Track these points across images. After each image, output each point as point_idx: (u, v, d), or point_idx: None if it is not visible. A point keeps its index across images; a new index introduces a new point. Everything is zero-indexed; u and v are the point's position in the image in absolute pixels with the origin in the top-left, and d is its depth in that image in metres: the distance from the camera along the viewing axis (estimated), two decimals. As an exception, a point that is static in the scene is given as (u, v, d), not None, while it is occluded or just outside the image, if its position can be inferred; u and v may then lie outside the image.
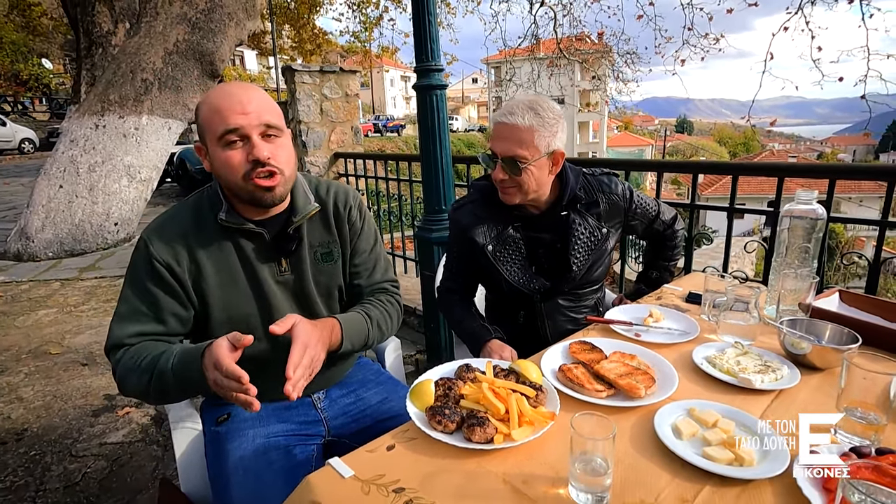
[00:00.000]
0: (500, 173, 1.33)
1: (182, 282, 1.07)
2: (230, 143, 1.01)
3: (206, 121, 1.03)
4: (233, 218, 1.09)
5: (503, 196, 1.39)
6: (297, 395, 0.91)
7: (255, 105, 1.01)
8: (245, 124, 1.00)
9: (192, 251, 1.07)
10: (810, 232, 1.25)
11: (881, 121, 59.75)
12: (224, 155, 1.02)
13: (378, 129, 28.07)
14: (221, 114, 1.00)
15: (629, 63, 9.77)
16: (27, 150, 18.06)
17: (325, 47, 13.78)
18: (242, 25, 6.40)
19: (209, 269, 1.09)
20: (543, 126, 1.28)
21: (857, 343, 1.00)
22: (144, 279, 1.05)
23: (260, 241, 1.13)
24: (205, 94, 1.05)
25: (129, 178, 5.76)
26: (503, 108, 1.33)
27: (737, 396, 0.96)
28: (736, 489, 0.73)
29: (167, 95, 5.87)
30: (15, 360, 3.04)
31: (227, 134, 1.00)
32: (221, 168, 1.03)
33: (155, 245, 1.05)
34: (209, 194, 1.13)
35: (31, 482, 1.96)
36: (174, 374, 0.96)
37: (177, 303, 1.07)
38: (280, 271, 1.16)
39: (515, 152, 1.29)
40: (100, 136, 5.60)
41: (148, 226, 1.10)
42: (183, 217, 1.10)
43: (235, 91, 1.03)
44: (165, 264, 1.05)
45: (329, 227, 1.22)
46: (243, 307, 1.12)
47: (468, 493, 0.75)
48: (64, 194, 5.48)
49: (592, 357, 1.09)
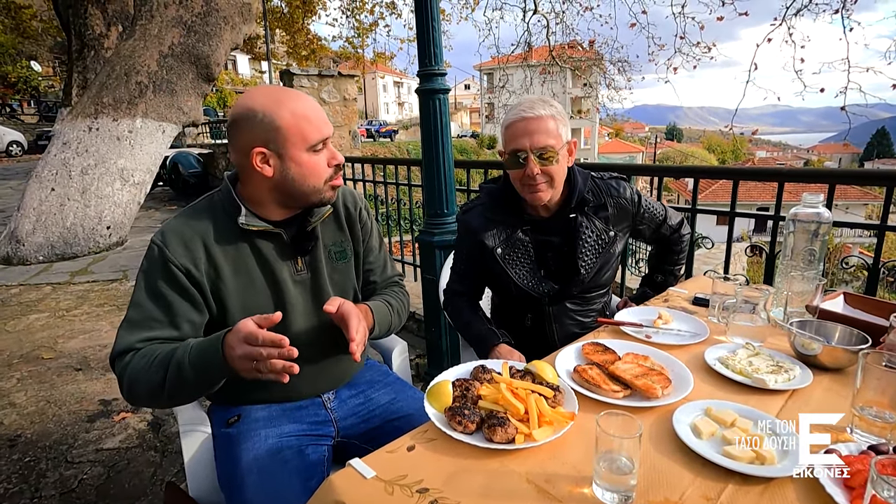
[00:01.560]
0: (534, 167, 1.31)
1: (200, 286, 1.06)
2: (319, 150, 1.08)
3: (293, 128, 1.03)
4: (253, 221, 1.10)
5: (533, 195, 1.36)
6: (359, 357, 1.05)
7: (324, 113, 1.11)
8: (328, 134, 1.10)
9: (210, 254, 1.07)
10: (815, 235, 1.27)
11: (865, 129, 60.93)
12: (314, 160, 1.08)
13: (371, 134, 28.08)
14: (312, 122, 1.06)
15: (621, 70, 9.89)
16: (15, 152, 17.83)
17: (319, 52, 13.80)
18: (238, 29, 6.39)
19: (227, 272, 1.09)
20: (560, 115, 1.35)
21: (868, 344, 1.01)
22: (159, 283, 1.04)
23: (278, 241, 1.14)
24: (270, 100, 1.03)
25: (122, 182, 5.71)
26: (518, 107, 1.34)
27: (751, 396, 0.97)
28: (759, 487, 0.74)
29: (162, 98, 5.83)
30: (6, 366, 2.98)
31: (322, 142, 1.08)
32: (307, 173, 1.07)
33: (172, 249, 1.04)
34: (222, 198, 1.12)
35: (26, 489, 1.92)
36: (192, 365, 0.94)
37: (193, 308, 1.06)
38: (297, 270, 1.17)
39: (547, 143, 1.31)
40: (93, 138, 5.54)
41: (160, 230, 1.09)
42: (197, 221, 1.09)
43: (311, 101, 1.09)
44: (183, 268, 1.04)
45: (342, 227, 1.26)
46: (262, 308, 1.12)
47: (493, 493, 0.74)
48: (56, 197, 5.42)
49: (606, 358, 1.10)
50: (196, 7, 5.95)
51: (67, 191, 5.44)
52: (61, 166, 5.47)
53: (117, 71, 5.68)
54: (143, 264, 1.07)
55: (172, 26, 5.85)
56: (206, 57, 6.02)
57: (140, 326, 1.03)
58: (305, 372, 1.20)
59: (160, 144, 6.01)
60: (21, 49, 22.28)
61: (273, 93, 1.06)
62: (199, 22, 5.96)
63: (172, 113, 5.97)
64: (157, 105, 5.82)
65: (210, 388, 0.99)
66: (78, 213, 5.49)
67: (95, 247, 5.63)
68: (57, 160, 5.50)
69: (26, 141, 18.36)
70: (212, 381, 0.98)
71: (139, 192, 5.99)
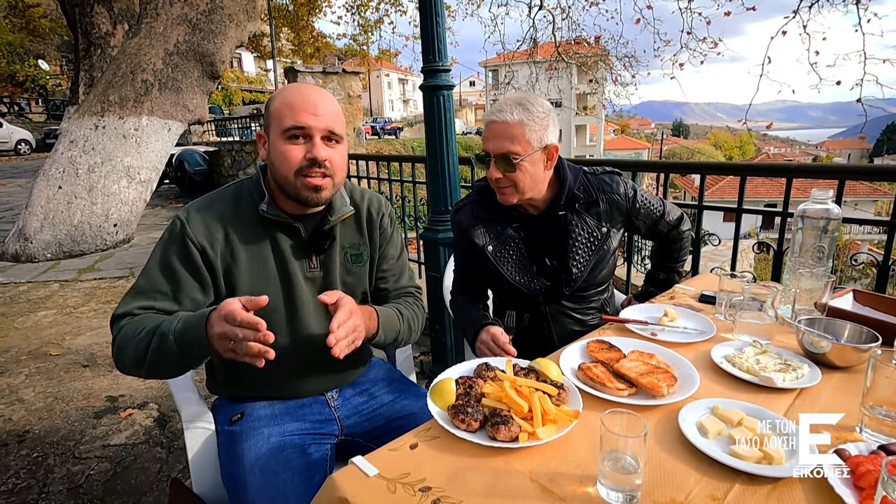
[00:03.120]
0: (494, 172, 1.32)
1: (213, 267, 1.08)
2: (293, 138, 1.06)
3: (276, 112, 1.07)
4: (273, 210, 1.11)
5: (500, 197, 1.38)
6: (339, 352, 0.95)
7: (324, 109, 1.06)
8: (312, 125, 1.05)
9: (228, 237, 1.09)
10: (824, 231, 1.25)
11: (874, 125, 60.15)
12: (284, 147, 1.06)
13: (376, 131, 28.03)
14: (293, 109, 1.05)
15: (627, 66, 9.82)
16: (23, 151, 18.00)
17: (324, 50, 13.80)
18: (243, 27, 6.40)
19: (243, 256, 1.10)
20: (533, 120, 1.28)
21: (878, 342, 1.00)
22: (173, 257, 1.06)
23: (296, 235, 1.15)
24: (282, 90, 1.09)
25: (128, 179, 5.74)
26: (493, 107, 1.33)
27: (759, 395, 0.96)
28: (766, 487, 0.73)
29: (167, 96, 5.85)
30: (15, 362, 3.01)
31: (293, 129, 1.05)
32: (278, 159, 1.07)
33: (193, 225, 1.07)
34: (250, 185, 1.16)
35: (34, 484, 1.94)
36: (175, 338, 0.94)
37: (199, 287, 1.08)
38: (310, 267, 1.18)
39: (507, 148, 1.28)
40: (99, 136, 5.57)
41: (185, 207, 1.12)
42: (222, 203, 1.12)
43: (310, 93, 1.09)
44: (200, 246, 1.06)
45: (361, 230, 1.26)
46: (270, 299, 1.11)
47: (496, 492, 0.74)
48: (63, 195, 5.46)
49: (611, 356, 1.09)
50: (201, 5, 5.96)
51: (74, 188, 5.48)
52: (68, 164, 5.51)
53: (123, 69, 5.70)
54: (163, 236, 1.10)
55: (178, 24, 5.86)
56: (211, 55, 6.03)
57: (144, 294, 1.05)
58: (310, 370, 1.21)
59: (166, 142, 6.03)
60: (29, 48, 22.43)
61: (291, 86, 1.10)
62: (204, 20, 5.97)
63: (178, 111, 5.99)
64: (163, 103, 5.84)
65: (190, 364, 0.99)
66: (85, 210, 5.52)
67: (102, 244, 5.66)
68: (64, 158, 5.54)
69: (34, 139, 18.53)
70: (192, 356, 0.96)
71: (145, 190, 6.02)
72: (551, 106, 1.34)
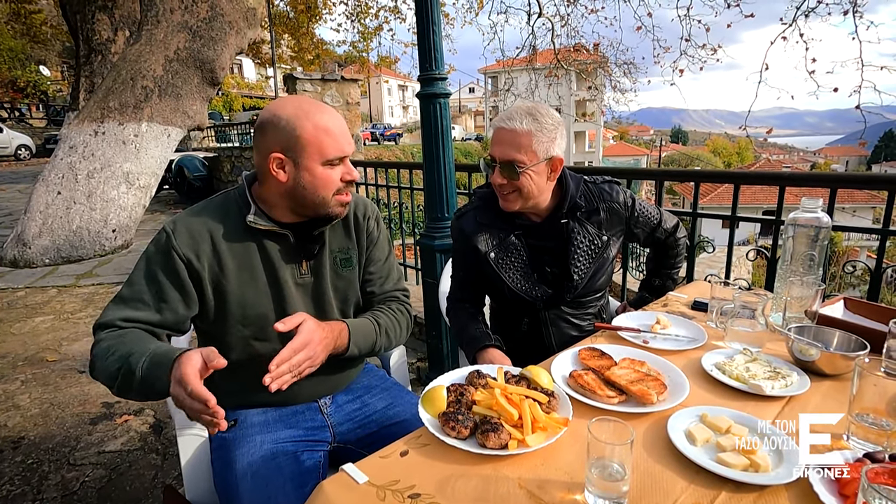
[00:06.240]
0: (498, 177, 1.34)
1: (199, 278, 1.08)
2: (335, 165, 1.11)
3: (313, 140, 1.07)
4: (261, 220, 1.12)
5: (503, 202, 1.40)
6: (275, 387, 0.96)
7: (348, 132, 1.13)
8: (350, 151, 1.13)
9: (215, 248, 1.10)
10: (815, 240, 1.26)
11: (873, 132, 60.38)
12: (327, 173, 1.10)
13: (375, 137, 28.13)
14: (336, 139, 1.09)
15: (626, 73, 9.88)
16: (23, 156, 18.03)
17: (324, 56, 13.87)
18: (243, 34, 6.44)
19: (231, 266, 1.11)
20: (541, 131, 1.30)
21: (866, 350, 1.01)
22: (157, 268, 1.06)
23: (285, 242, 1.16)
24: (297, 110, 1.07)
25: (127, 185, 5.75)
26: (503, 114, 1.35)
27: (748, 403, 0.97)
28: (752, 495, 0.73)
29: (167, 103, 5.88)
30: (11, 368, 3.01)
31: (339, 158, 1.10)
32: (320, 184, 1.09)
33: (178, 238, 1.07)
34: (237, 196, 1.16)
35: (29, 491, 1.93)
36: (142, 375, 0.93)
37: (182, 299, 1.08)
38: (300, 273, 1.18)
39: (513, 156, 1.30)
40: (99, 142, 5.59)
41: (172, 219, 1.12)
42: (209, 213, 1.13)
43: (337, 117, 1.12)
44: (185, 258, 1.07)
45: (349, 234, 1.26)
46: (260, 306, 1.13)
47: (485, 499, 0.74)
48: (62, 200, 5.46)
49: (602, 363, 1.09)
50: (202, 12, 6.00)
51: (74, 194, 5.49)
52: (68, 170, 5.52)
53: (123, 75, 5.73)
54: (149, 247, 1.10)
55: (178, 31, 5.90)
56: (211, 61, 6.06)
57: (127, 304, 1.05)
58: (304, 377, 1.21)
59: (165, 148, 6.05)
60: (30, 54, 22.52)
61: (301, 103, 1.09)
62: (204, 27, 6.01)
63: (178, 117, 6.01)
64: (163, 109, 5.86)
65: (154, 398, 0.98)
66: (84, 216, 5.53)
67: (101, 250, 5.66)
68: (63, 164, 5.55)
69: (34, 144, 18.56)
70: (157, 393, 0.95)
71: (144, 196, 6.03)
72: (561, 118, 1.35)
